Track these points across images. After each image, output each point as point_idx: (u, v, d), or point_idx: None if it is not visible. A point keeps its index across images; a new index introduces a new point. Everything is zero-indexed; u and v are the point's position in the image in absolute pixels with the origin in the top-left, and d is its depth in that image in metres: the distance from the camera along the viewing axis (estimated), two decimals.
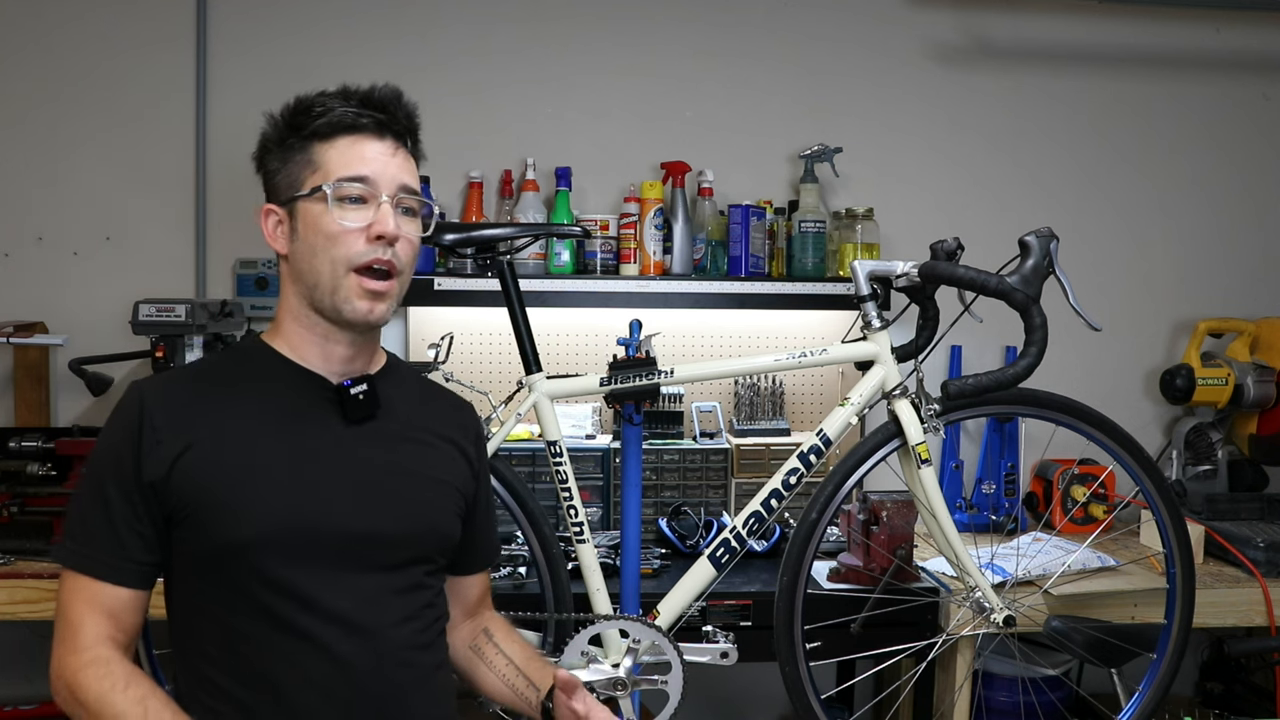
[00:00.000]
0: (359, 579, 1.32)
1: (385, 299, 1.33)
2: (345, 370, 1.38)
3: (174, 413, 1.30)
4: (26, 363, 2.43)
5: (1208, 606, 2.16)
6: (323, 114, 1.32)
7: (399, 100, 1.38)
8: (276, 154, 1.36)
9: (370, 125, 1.33)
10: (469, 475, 1.48)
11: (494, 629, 1.56)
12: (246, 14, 2.53)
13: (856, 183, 2.66)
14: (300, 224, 1.33)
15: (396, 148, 1.36)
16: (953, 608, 2.05)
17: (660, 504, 2.42)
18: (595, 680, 1.81)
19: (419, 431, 1.44)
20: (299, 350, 1.37)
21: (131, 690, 1.24)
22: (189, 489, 1.27)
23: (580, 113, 2.64)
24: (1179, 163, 2.84)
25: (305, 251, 1.33)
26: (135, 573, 1.29)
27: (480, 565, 1.57)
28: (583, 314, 2.53)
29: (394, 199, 1.33)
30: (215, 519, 1.27)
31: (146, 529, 1.29)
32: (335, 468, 1.33)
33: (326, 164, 1.32)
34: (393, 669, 1.32)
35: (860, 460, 1.90)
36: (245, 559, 1.27)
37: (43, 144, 2.50)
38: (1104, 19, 2.77)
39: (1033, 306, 1.69)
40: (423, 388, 1.52)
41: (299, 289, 1.35)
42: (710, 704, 2.76)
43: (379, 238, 1.30)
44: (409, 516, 1.37)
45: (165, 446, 1.27)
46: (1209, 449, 2.71)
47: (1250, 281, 2.86)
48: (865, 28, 2.71)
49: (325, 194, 1.30)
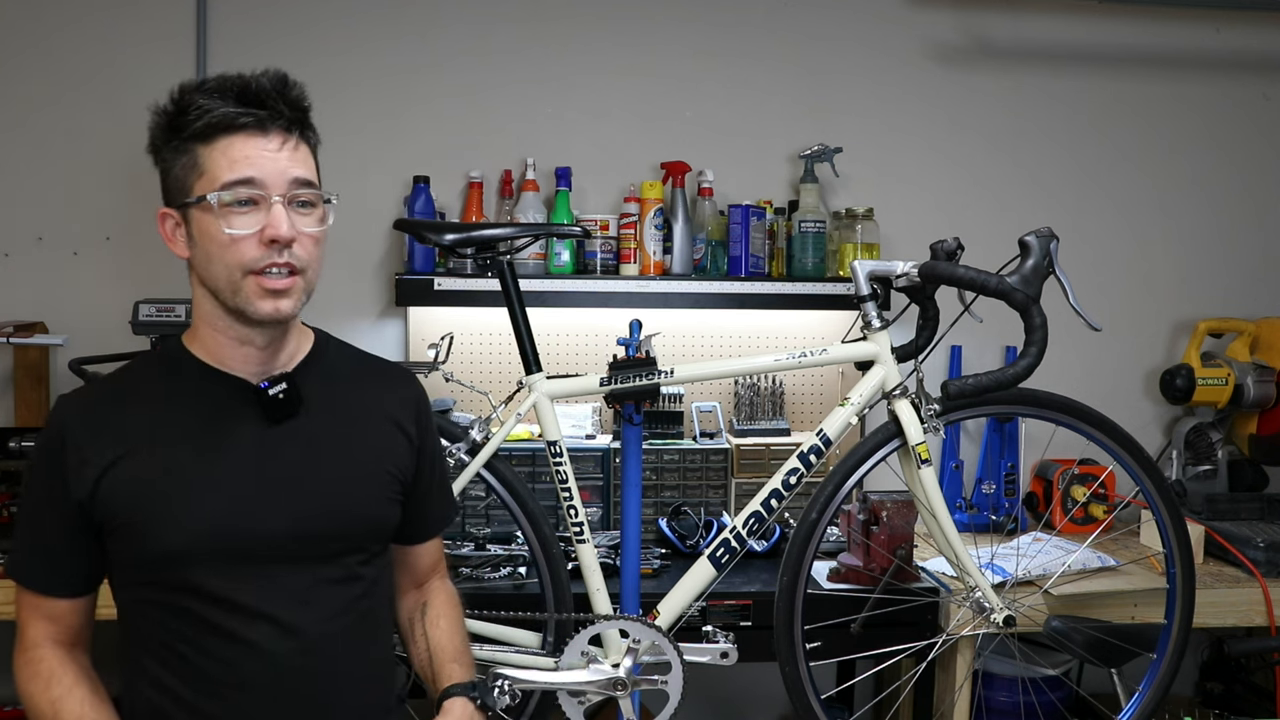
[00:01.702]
0: (288, 578, 1.33)
1: (289, 295, 1.29)
2: (263, 370, 1.36)
3: (96, 429, 1.31)
4: (26, 363, 2.43)
5: (1208, 606, 2.16)
6: (199, 114, 1.26)
7: (282, 88, 1.30)
8: (163, 152, 1.31)
9: (251, 123, 1.27)
10: (407, 451, 1.46)
11: (430, 605, 1.56)
12: (246, 14, 2.53)
13: (856, 183, 2.66)
14: (194, 229, 1.29)
15: (284, 140, 1.29)
16: (953, 608, 2.05)
17: (660, 504, 2.42)
18: (595, 680, 1.81)
19: (349, 417, 1.42)
20: (216, 354, 1.35)
21: (50, 690, 1.31)
22: (115, 503, 1.28)
23: (580, 113, 2.64)
24: (1179, 163, 2.84)
25: (202, 257, 1.29)
26: (67, 584, 1.34)
27: (428, 535, 1.57)
28: (583, 314, 2.53)
29: (286, 197, 1.27)
30: (142, 531, 1.28)
31: (78, 543, 1.32)
32: (258, 470, 1.33)
33: (210, 168, 1.26)
34: (325, 665, 1.34)
35: (860, 460, 1.90)
36: (173, 568, 1.29)
37: (43, 144, 2.50)
38: (1104, 19, 2.77)
39: (1033, 306, 1.69)
40: (358, 367, 1.49)
41: (206, 292, 1.32)
42: (710, 704, 2.76)
43: (272, 242, 1.26)
44: (335, 512, 1.37)
45: (89, 464, 1.28)
46: (1209, 449, 2.71)
47: (1250, 281, 2.86)
48: (865, 28, 2.71)
49: (211, 203, 1.25)
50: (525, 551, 2.13)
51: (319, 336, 1.46)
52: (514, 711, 1.84)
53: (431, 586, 1.59)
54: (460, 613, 1.60)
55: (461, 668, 1.50)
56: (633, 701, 1.87)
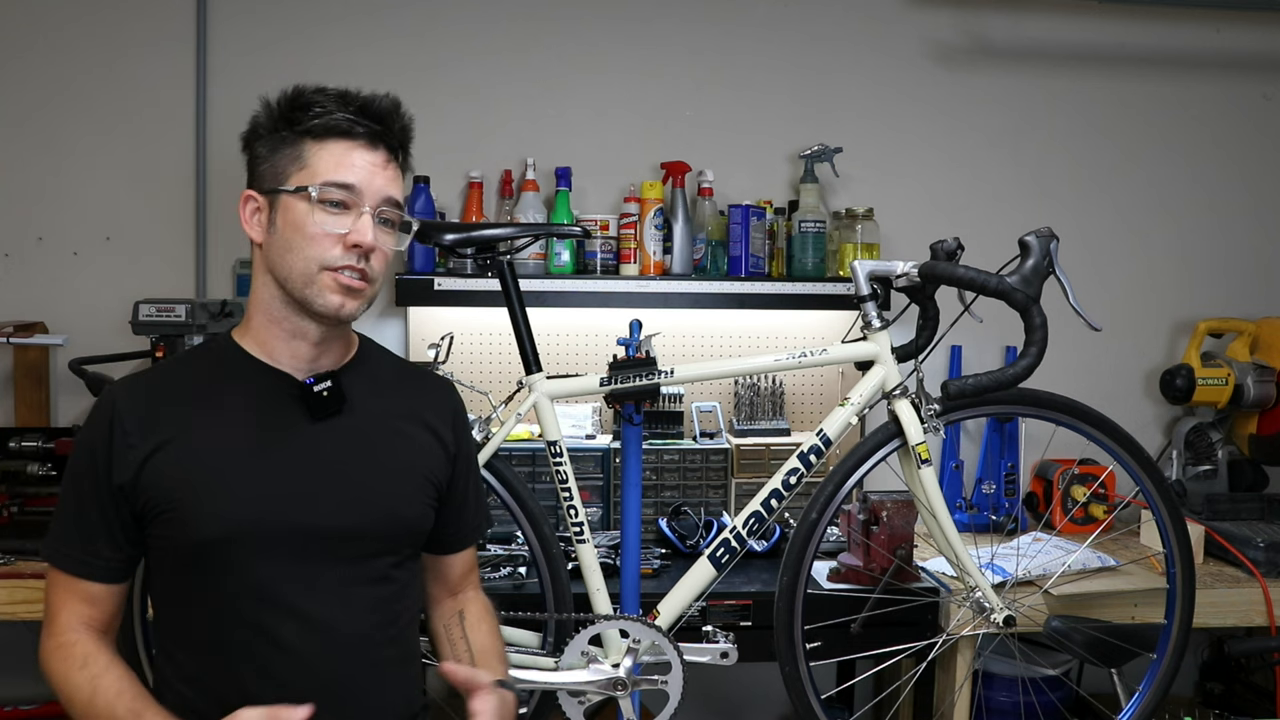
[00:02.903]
0: (325, 575, 1.34)
1: (358, 296, 1.35)
2: (312, 367, 1.39)
3: (144, 415, 1.33)
4: (26, 363, 2.43)
5: (1208, 606, 2.16)
6: (320, 114, 1.33)
7: (397, 112, 1.39)
8: (265, 141, 1.36)
9: (365, 134, 1.35)
10: (443, 459, 1.49)
11: (468, 613, 1.57)
12: (246, 14, 2.53)
13: (856, 183, 2.66)
14: (280, 217, 1.34)
15: (388, 160, 1.37)
16: (953, 608, 2.05)
17: (660, 504, 2.42)
18: (595, 680, 1.81)
19: (390, 420, 1.44)
20: (266, 347, 1.38)
21: (86, 670, 1.30)
22: (157, 489, 1.30)
23: (580, 113, 2.64)
24: (1179, 163, 2.84)
25: (281, 245, 1.34)
26: (104, 569, 1.34)
27: (461, 544, 1.58)
28: (583, 314, 2.53)
29: (376, 210, 1.34)
30: (182, 518, 1.30)
31: (116, 528, 1.33)
32: (300, 465, 1.35)
33: (315, 164, 1.33)
34: (355, 665, 1.35)
35: (860, 460, 1.90)
36: (211, 557, 1.30)
37: (43, 144, 2.50)
38: (1104, 19, 2.77)
39: (1033, 306, 1.69)
40: (399, 372, 1.52)
41: (272, 280, 1.36)
42: (710, 704, 2.76)
43: (355, 246, 1.32)
44: (374, 511, 1.39)
45: (135, 449, 1.30)
46: (1209, 449, 2.71)
47: (1250, 281, 2.86)
48: (865, 28, 2.72)
49: (310, 195, 1.31)
50: (525, 551, 2.13)
51: (364, 341, 1.50)
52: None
53: (467, 596, 1.60)
54: (497, 621, 1.60)
55: (506, 669, 1.53)
56: (633, 701, 1.87)
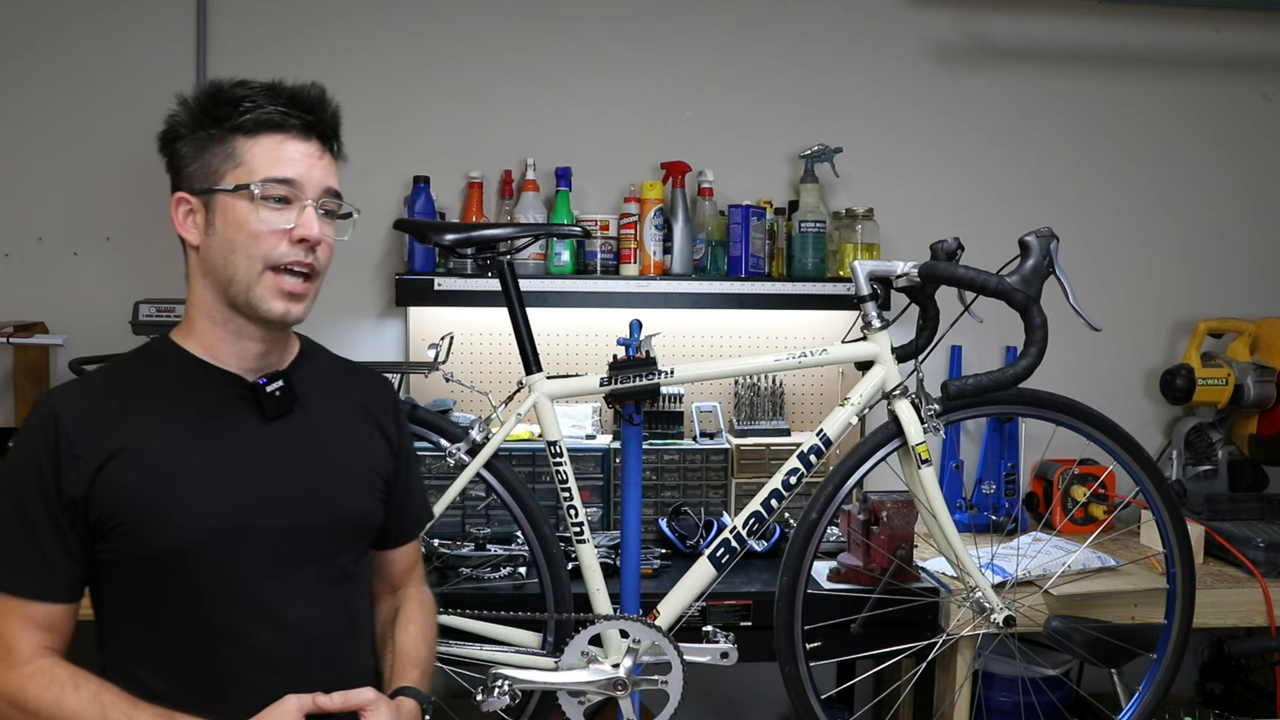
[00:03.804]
0: (289, 576, 1.33)
1: (302, 300, 1.33)
2: (260, 367, 1.37)
3: (90, 424, 1.28)
4: (26, 363, 2.43)
5: (1208, 606, 2.16)
6: (250, 109, 1.30)
7: (325, 101, 1.37)
8: (189, 141, 1.33)
9: (298, 125, 1.32)
10: (388, 454, 1.49)
11: (403, 611, 1.55)
12: (246, 14, 2.53)
13: (856, 183, 2.66)
14: (218, 218, 1.31)
15: (323, 150, 1.35)
16: (953, 608, 2.05)
17: (660, 504, 2.42)
18: (595, 680, 1.81)
19: (338, 417, 1.44)
20: (212, 349, 1.35)
21: (83, 690, 1.24)
22: (114, 501, 1.26)
23: (580, 113, 2.64)
24: (1179, 163, 2.84)
25: (222, 246, 1.31)
26: (63, 588, 1.28)
27: (404, 539, 1.57)
28: (583, 314, 2.53)
29: (318, 202, 1.33)
30: (144, 528, 1.26)
31: (72, 543, 1.27)
32: (257, 466, 1.34)
33: (251, 161, 1.30)
34: (323, 666, 1.35)
35: (860, 460, 1.90)
36: (176, 565, 1.28)
37: (43, 144, 2.50)
38: (1104, 19, 2.77)
39: (1033, 306, 1.69)
40: (339, 369, 1.52)
41: (212, 283, 1.33)
42: (710, 704, 2.76)
43: (301, 240, 1.30)
44: (334, 508, 1.38)
45: (84, 460, 1.26)
46: (1209, 449, 2.71)
47: (1250, 281, 2.86)
48: (865, 28, 2.71)
49: (252, 193, 1.29)
50: (525, 551, 2.13)
51: (304, 341, 1.48)
52: (514, 711, 1.85)
53: (407, 593, 1.59)
54: (432, 622, 1.58)
55: (421, 675, 1.48)
56: (633, 701, 1.86)
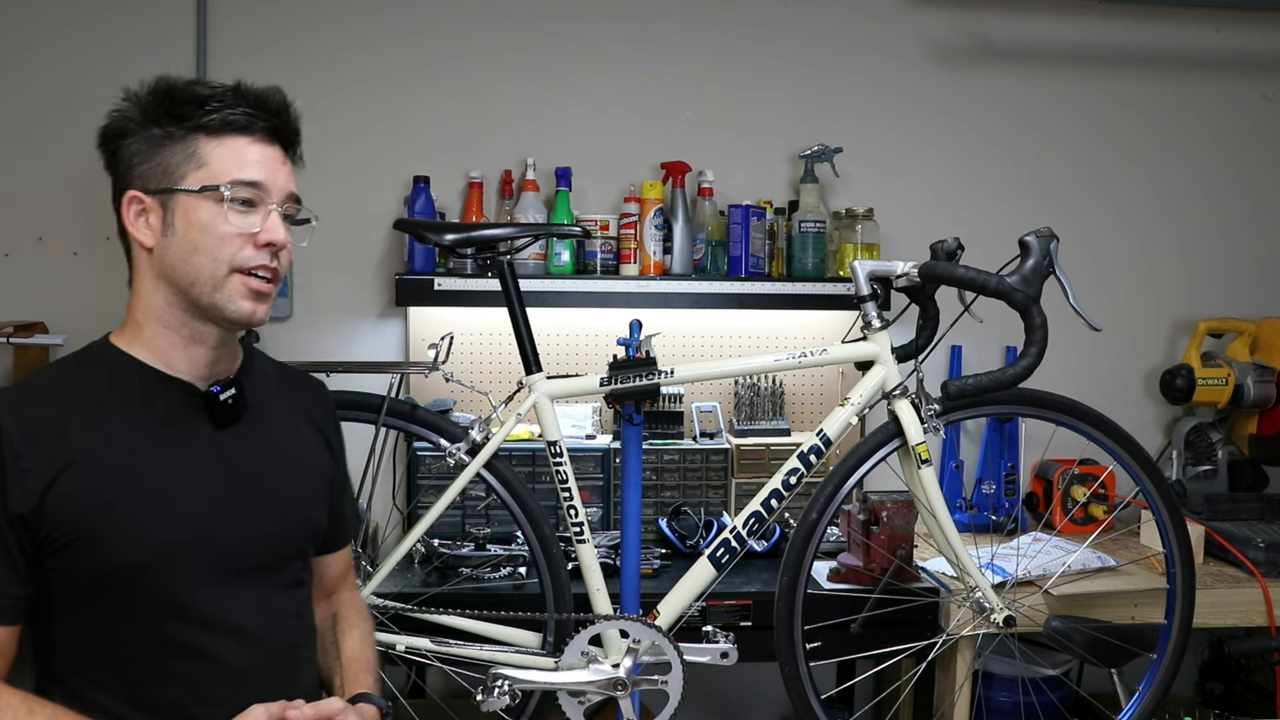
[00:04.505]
0: (249, 586, 1.32)
1: (267, 300, 1.32)
2: (211, 374, 1.34)
3: (37, 436, 1.22)
4: (26, 363, 2.43)
5: (1208, 606, 2.16)
6: (216, 109, 1.28)
7: (288, 105, 1.35)
8: (140, 138, 1.30)
9: (263, 129, 1.31)
10: (329, 458, 1.49)
11: (340, 617, 1.55)
12: (246, 14, 2.53)
13: (856, 183, 2.66)
14: (178, 219, 1.27)
15: (285, 155, 1.34)
16: (953, 608, 2.05)
17: (660, 504, 2.42)
18: (595, 680, 1.81)
19: (284, 423, 1.43)
20: (163, 355, 1.31)
21: (37, 715, 1.18)
22: (66, 516, 1.20)
23: (580, 112, 2.64)
24: (1179, 163, 2.84)
25: (183, 248, 1.27)
26: (8, 609, 1.22)
27: (338, 544, 1.57)
28: (583, 314, 2.53)
29: (283, 206, 1.32)
30: (100, 542, 1.22)
31: (18, 563, 1.21)
32: (211, 476, 1.31)
33: (214, 162, 1.27)
34: (283, 674, 1.34)
35: (860, 460, 1.90)
36: (134, 580, 1.23)
37: (43, 144, 2.50)
38: (1104, 19, 2.77)
39: (1033, 306, 1.69)
40: (279, 374, 1.50)
41: (167, 285, 1.29)
42: (710, 704, 2.76)
43: (268, 245, 1.29)
44: (290, 515, 1.38)
45: (33, 475, 1.20)
46: (1209, 449, 2.71)
47: (1250, 281, 2.86)
48: (865, 28, 2.71)
49: (221, 194, 1.26)
50: (525, 551, 2.13)
51: (242, 343, 1.45)
52: (514, 711, 1.84)
53: (341, 598, 1.58)
54: (370, 624, 1.59)
55: (374, 679, 1.48)
56: (633, 701, 1.86)
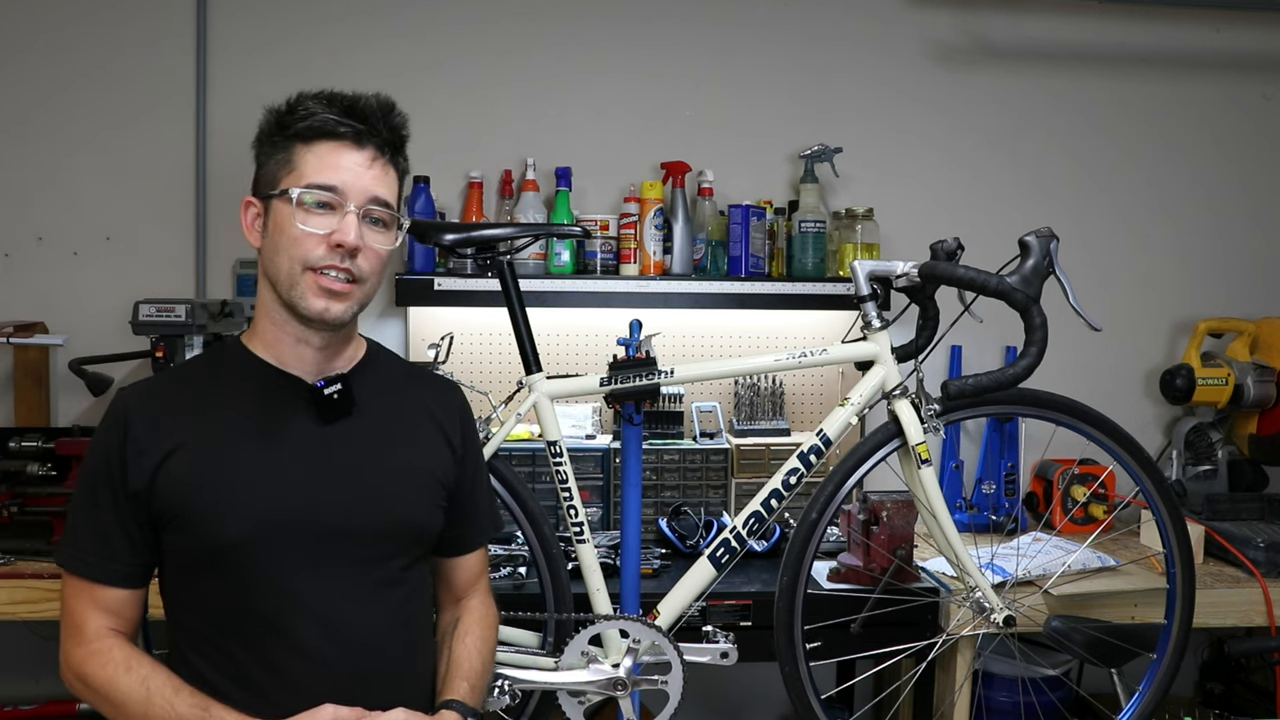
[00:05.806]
0: (339, 578, 1.35)
1: (343, 299, 1.35)
2: (320, 369, 1.41)
3: (156, 420, 1.34)
4: (26, 363, 2.43)
5: (1208, 606, 2.16)
6: (305, 116, 1.35)
7: (387, 112, 1.40)
8: (265, 148, 1.39)
9: (349, 134, 1.36)
10: (451, 461, 1.50)
11: (461, 622, 1.55)
12: (246, 14, 2.53)
13: (856, 183, 2.66)
14: (271, 221, 1.36)
15: (374, 159, 1.37)
16: (953, 608, 2.05)
17: (660, 504, 2.42)
18: (595, 680, 1.81)
19: (399, 423, 1.46)
20: (274, 350, 1.40)
21: (134, 672, 1.30)
22: (172, 495, 1.32)
23: (580, 112, 2.64)
24: (1179, 163, 2.84)
25: (271, 248, 1.36)
26: (124, 574, 1.35)
27: (465, 548, 1.57)
28: (583, 314, 2.53)
29: (361, 210, 1.35)
30: (197, 523, 1.32)
31: (134, 533, 1.34)
32: (311, 468, 1.36)
33: (301, 167, 1.34)
34: (369, 667, 1.36)
35: (860, 460, 1.90)
36: (225, 562, 1.31)
37: (43, 144, 2.50)
38: (1104, 19, 2.77)
39: (1033, 306, 1.69)
40: (407, 375, 1.54)
41: (267, 284, 1.39)
42: (710, 704, 2.76)
43: (338, 246, 1.33)
44: (385, 513, 1.40)
45: (148, 455, 1.32)
46: (1209, 449, 2.71)
47: (1250, 281, 2.86)
48: (865, 28, 2.72)
49: (295, 197, 1.33)
50: (525, 551, 2.13)
51: (371, 345, 1.51)
52: (514, 711, 1.84)
53: (469, 604, 1.58)
54: (492, 635, 1.58)
55: (470, 689, 1.47)
56: (633, 701, 1.86)
